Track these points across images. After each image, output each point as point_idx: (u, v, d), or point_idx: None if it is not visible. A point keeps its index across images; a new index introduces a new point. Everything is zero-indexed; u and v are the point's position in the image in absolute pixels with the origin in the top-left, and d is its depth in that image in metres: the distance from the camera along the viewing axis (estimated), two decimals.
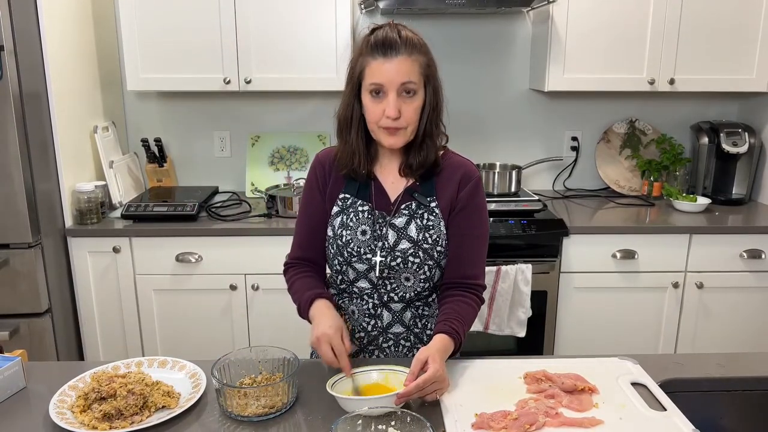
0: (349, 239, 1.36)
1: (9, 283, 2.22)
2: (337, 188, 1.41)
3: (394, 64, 1.26)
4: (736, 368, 1.33)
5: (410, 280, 1.37)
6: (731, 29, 2.54)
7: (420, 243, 1.35)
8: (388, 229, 1.36)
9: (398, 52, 1.26)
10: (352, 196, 1.39)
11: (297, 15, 2.49)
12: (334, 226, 1.39)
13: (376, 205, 1.38)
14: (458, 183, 1.39)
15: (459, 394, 1.19)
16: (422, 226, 1.36)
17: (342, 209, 1.39)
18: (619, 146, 2.96)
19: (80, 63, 2.50)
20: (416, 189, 1.38)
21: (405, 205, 1.38)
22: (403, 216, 1.37)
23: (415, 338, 1.43)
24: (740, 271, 2.47)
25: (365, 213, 1.37)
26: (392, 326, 1.40)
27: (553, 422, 1.10)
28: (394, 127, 1.29)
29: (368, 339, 1.41)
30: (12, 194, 2.15)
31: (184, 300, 2.46)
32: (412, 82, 1.27)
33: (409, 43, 1.27)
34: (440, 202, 1.38)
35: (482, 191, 1.42)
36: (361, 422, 1.00)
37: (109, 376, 1.21)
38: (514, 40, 2.87)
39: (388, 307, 1.40)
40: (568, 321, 2.51)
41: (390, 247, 1.35)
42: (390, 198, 1.39)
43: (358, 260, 1.36)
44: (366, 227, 1.36)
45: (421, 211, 1.37)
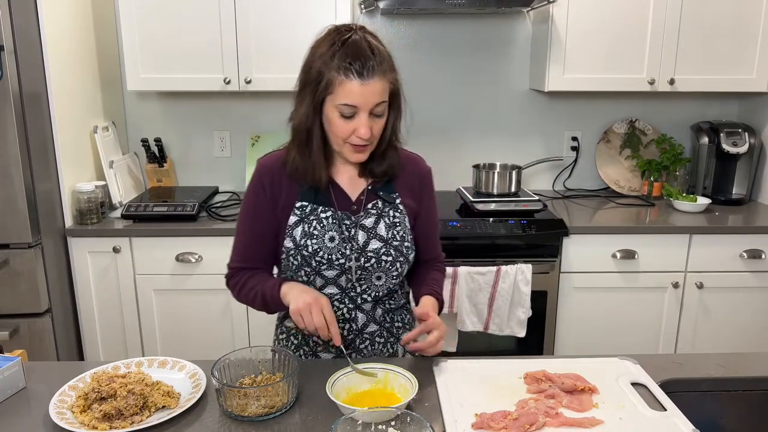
0: (316, 248, 1.32)
1: (9, 283, 2.22)
2: (291, 197, 1.34)
3: (370, 87, 1.20)
4: (736, 368, 1.33)
5: (382, 278, 1.37)
6: (731, 29, 2.54)
7: (390, 241, 1.35)
8: (358, 230, 1.34)
9: (374, 73, 1.20)
10: (311, 203, 1.34)
11: (297, 15, 2.49)
12: (294, 237, 1.33)
13: (338, 208, 1.35)
14: (417, 179, 1.42)
15: (459, 394, 1.19)
16: (390, 223, 1.36)
17: (301, 218, 1.34)
18: (619, 146, 2.96)
19: (80, 63, 2.50)
20: (379, 187, 1.38)
21: (372, 204, 1.36)
22: (371, 215, 1.36)
23: (387, 333, 1.44)
24: (740, 271, 2.47)
25: (329, 219, 1.34)
26: (367, 326, 1.40)
27: (553, 422, 1.10)
28: (361, 144, 1.26)
29: (345, 343, 1.38)
30: (12, 194, 2.15)
31: (184, 300, 2.46)
32: (384, 102, 1.25)
33: (383, 61, 1.22)
34: (403, 198, 1.39)
35: (432, 180, 1.47)
36: (361, 422, 1.00)
37: (109, 376, 1.21)
38: (514, 40, 2.87)
39: (361, 308, 1.39)
40: (568, 321, 2.51)
41: (360, 248, 1.34)
42: (351, 198, 1.37)
43: (328, 267, 1.33)
44: (333, 233, 1.33)
45: (387, 209, 1.37)
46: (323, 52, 1.22)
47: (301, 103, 1.27)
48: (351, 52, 1.20)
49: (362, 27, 1.26)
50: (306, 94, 1.26)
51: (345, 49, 1.20)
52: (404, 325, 1.47)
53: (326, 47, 1.22)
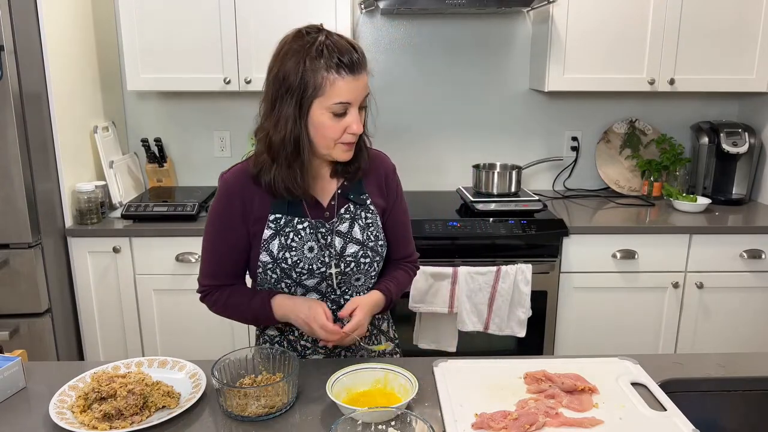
0: (296, 260, 1.31)
1: (9, 283, 2.22)
2: (263, 209, 1.31)
3: (360, 81, 1.21)
4: (736, 368, 1.33)
5: (360, 280, 1.38)
6: (731, 29, 2.54)
7: (366, 242, 1.35)
8: (334, 237, 1.34)
9: (361, 66, 1.21)
10: (285, 214, 1.31)
11: (297, 15, 2.49)
12: (271, 251, 1.31)
13: (312, 217, 1.33)
14: (383, 176, 1.42)
15: (459, 394, 1.19)
16: (363, 225, 1.36)
17: (276, 231, 1.31)
18: (619, 146, 2.96)
19: (80, 63, 2.50)
20: (348, 189, 1.36)
21: (344, 209, 1.35)
22: (345, 220, 1.35)
23: (373, 328, 1.45)
24: (740, 271, 2.47)
25: (306, 229, 1.32)
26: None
27: (553, 422, 1.10)
28: (353, 142, 1.27)
29: (332, 345, 1.37)
30: (12, 194, 2.15)
31: (184, 300, 2.46)
32: (369, 93, 1.27)
33: (363, 54, 1.23)
34: (372, 198, 1.39)
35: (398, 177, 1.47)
36: (361, 422, 1.00)
37: (109, 376, 1.20)
38: (514, 40, 2.87)
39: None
40: (568, 321, 2.51)
41: (338, 254, 1.33)
42: (322, 204, 1.35)
43: (309, 277, 1.32)
44: (311, 243, 1.32)
45: (359, 211, 1.37)
46: (299, 58, 1.18)
47: (280, 115, 1.22)
48: (337, 49, 1.19)
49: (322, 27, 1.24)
50: (285, 104, 1.21)
51: (329, 48, 1.18)
52: (383, 315, 1.49)
53: (302, 52, 1.19)
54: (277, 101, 1.22)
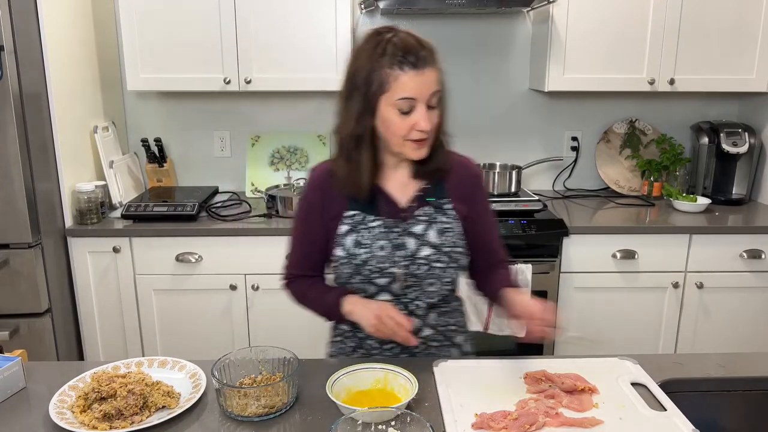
0: (367, 257, 1.32)
1: (9, 283, 2.22)
2: (341, 206, 1.34)
3: (425, 76, 1.22)
4: (736, 368, 1.33)
5: (434, 284, 1.35)
6: (731, 29, 2.54)
7: (441, 247, 1.33)
8: (407, 238, 1.33)
9: (426, 62, 1.22)
10: (360, 211, 1.34)
11: (297, 15, 2.49)
12: (345, 246, 1.33)
13: (387, 215, 1.34)
14: (469, 183, 1.40)
15: (459, 394, 1.19)
16: (441, 229, 1.34)
17: (352, 227, 1.34)
18: (619, 146, 2.96)
19: (80, 63, 2.50)
20: (428, 193, 1.35)
21: (421, 211, 1.35)
22: (421, 222, 1.34)
23: (443, 337, 1.42)
24: (740, 271, 2.47)
25: (378, 228, 1.33)
26: (421, 331, 1.39)
27: (553, 422, 1.10)
28: (423, 139, 1.26)
29: (400, 347, 1.39)
30: (12, 194, 2.15)
31: (184, 300, 2.46)
32: (439, 91, 1.26)
33: (432, 51, 1.24)
34: (454, 203, 1.36)
35: (485, 183, 1.45)
36: (361, 422, 1.00)
37: (109, 376, 1.21)
38: (514, 40, 2.87)
39: (414, 314, 1.38)
40: (568, 321, 2.50)
41: (411, 255, 1.33)
42: (400, 204, 1.35)
43: (379, 276, 1.33)
44: (383, 242, 1.32)
45: (437, 215, 1.35)
46: (369, 55, 1.23)
47: (348, 113, 1.27)
48: (401, 46, 1.21)
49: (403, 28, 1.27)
50: (354, 101, 1.25)
51: (394, 45, 1.21)
52: (458, 329, 1.46)
53: (370, 50, 1.23)
54: (347, 99, 1.27)
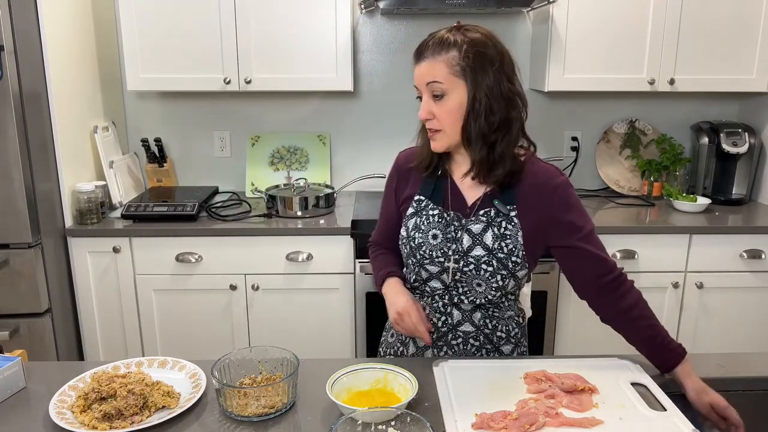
0: (420, 242, 1.35)
1: (9, 283, 2.22)
2: (412, 189, 1.41)
3: (422, 67, 1.27)
4: (736, 368, 1.33)
5: (482, 286, 1.35)
6: (731, 29, 2.54)
7: (494, 251, 1.32)
8: (463, 234, 1.34)
9: (425, 54, 1.26)
10: (426, 198, 1.38)
11: (297, 15, 2.49)
12: (408, 227, 1.39)
13: (450, 207, 1.36)
14: (547, 193, 1.31)
15: (459, 394, 1.19)
16: (499, 234, 1.32)
17: (416, 211, 1.39)
18: (619, 146, 2.96)
19: (80, 63, 2.50)
20: (496, 195, 1.33)
21: (484, 212, 1.33)
22: (480, 222, 1.33)
23: (484, 338, 1.42)
24: (740, 271, 2.47)
25: (435, 216, 1.36)
26: (462, 324, 1.40)
27: (553, 422, 1.10)
28: (430, 129, 1.30)
29: (438, 335, 1.41)
30: (12, 194, 2.15)
31: (184, 300, 2.46)
32: (437, 82, 1.24)
33: (441, 43, 1.24)
34: (521, 210, 1.32)
35: (572, 191, 1.34)
36: (361, 422, 1.00)
37: (109, 376, 1.21)
38: (514, 40, 2.87)
39: (459, 307, 1.39)
40: (568, 321, 2.51)
41: (463, 251, 1.33)
42: (467, 201, 1.36)
43: (430, 263, 1.35)
44: (437, 231, 1.35)
45: (499, 219, 1.32)
46: None
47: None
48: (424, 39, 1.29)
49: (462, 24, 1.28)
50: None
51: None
52: (508, 338, 1.45)
53: None
54: None
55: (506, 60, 1.27)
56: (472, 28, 1.27)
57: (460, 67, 1.23)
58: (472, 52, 1.22)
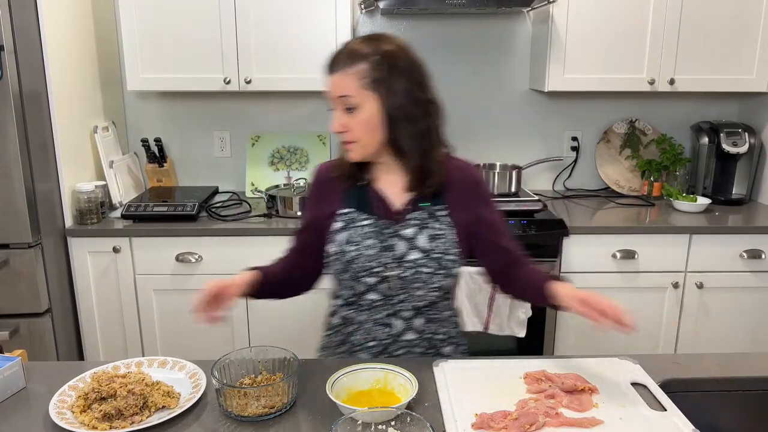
0: (355, 255, 1.33)
1: (9, 283, 2.22)
2: (336, 202, 1.37)
3: (333, 80, 1.27)
4: (736, 368, 1.33)
5: (422, 289, 1.35)
6: (731, 29, 2.54)
7: (430, 253, 1.33)
8: (397, 240, 1.33)
9: (336, 67, 1.26)
10: (353, 209, 1.36)
11: (297, 15, 2.49)
12: (337, 242, 1.35)
13: (379, 216, 1.35)
14: (469, 189, 1.38)
15: (459, 394, 1.19)
16: (432, 235, 1.33)
17: (346, 224, 1.35)
18: (619, 146, 2.96)
19: (80, 63, 2.50)
20: (424, 198, 1.35)
21: (413, 215, 1.35)
22: (412, 226, 1.34)
23: (427, 343, 1.42)
24: (740, 271, 2.47)
25: (367, 226, 1.34)
26: (404, 334, 1.39)
27: (553, 422, 1.10)
28: (343, 141, 1.30)
29: (381, 347, 1.40)
30: (12, 194, 2.15)
31: (184, 300, 2.46)
32: (349, 96, 1.24)
33: (351, 55, 1.24)
34: (450, 208, 1.36)
35: (487, 186, 1.42)
36: (361, 422, 1.00)
37: (109, 376, 1.21)
38: (514, 40, 2.87)
39: (399, 315, 1.38)
40: (568, 321, 2.51)
41: (400, 258, 1.33)
42: (395, 207, 1.36)
43: (368, 275, 1.33)
44: (372, 241, 1.33)
45: (430, 220, 1.34)
46: None
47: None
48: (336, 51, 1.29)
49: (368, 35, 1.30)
50: None
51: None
52: (448, 338, 1.45)
53: None
54: None
55: (418, 69, 1.31)
56: (385, 38, 1.28)
57: (370, 79, 1.24)
58: (383, 63, 1.24)
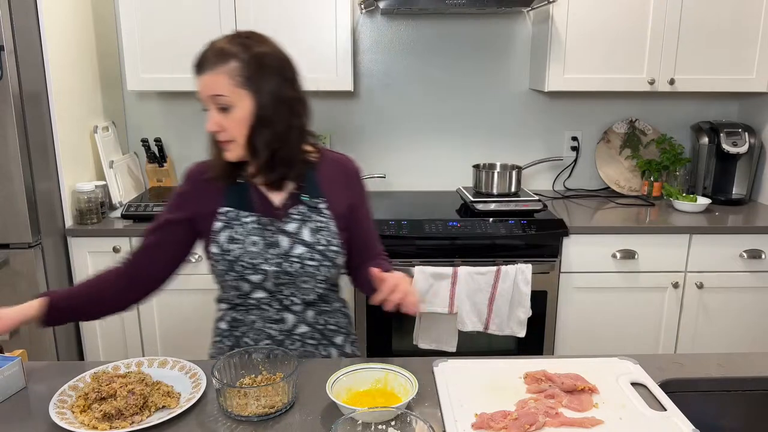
0: (239, 253, 1.33)
1: (9, 283, 2.22)
2: (215, 202, 1.36)
3: (203, 80, 1.26)
4: (736, 368, 1.33)
5: (308, 282, 1.37)
6: (731, 29, 2.54)
7: (314, 245, 1.35)
8: (280, 236, 1.35)
9: (206, 66, 1.25)
10: (234, 208, 1.36)
11: (297, 15, 2.49)
12: (219, 242, 1.34)
13: (261, 213, 1.36)
14: (345, 180, 1.41)
15: (459, 394, 1.19)
16: (314, 228, 1.36)
17: (228, 223, 1.35)
18: (619, 146, 2.96)
19: (80, 63, 2.50)
20: (302, 191, 1.37)
21: (294, 209, 1.36)
22: (294, 221, 1.36)
23: (320, 335, 1.44)
24: (740, 271, 2.47)
25: (250, 224, 1.35)
26: (297, 327, 1.41)
27: (553, 422, 1.10)
28: (220, 140, 1.29)
29: (275, 344, 1.40)
30: (12, 194, 2.15)
31: (184, 300, 2.46)
32: (222, 96, 1.24)
33: (219, 55, 1.24)
34: (329, 200, 1.38)
35: (363, 181, 1.45)
36: (361, 422, 1.00)
37: (109, 376, 1.21)
38: (514, 40, 2.87)
39: (290, 309, 1.39)
40: (568, 321, 2.51)
41: (284, 253, 1.34)
42: (275, 203, 1.37)
43: (252, 272, 1.34)
44: (255, 238, 1.34)
45: (311, 213, 1.37)
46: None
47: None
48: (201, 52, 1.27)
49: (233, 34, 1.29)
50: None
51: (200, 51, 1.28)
52: (339, 329, 1.47)
53: None
54: None
55: (288, 66, 1.31)
56: (253, 36, 1.29)
57: (242, 78, 1.24)
58: (254, 62, 1.24)
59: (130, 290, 1.40)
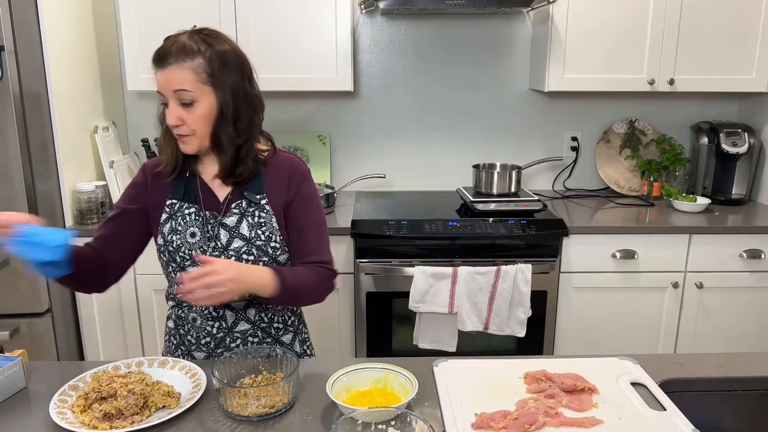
0: (179, 244, 1.36)
1: (9, 283, 2.22)
2: (163, 195, 1.40)
3: (165, 74, 1.26)
4: (736, 368, 1.33)
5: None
6: (731, 29, 2.54)
7: (253, 240, 1.36)
8: (220, 229, 1.36)
9: (168, 60, 1.26)
10: (179, 200, 1.38)
11: (297, 15, 2.49)
12: (164, 234, 1.38)
13: (204, 206, 1.38)
14: (287, 179, 1.41)
15: (459, 394, 1.19)
16: (254, 223, 1.37)
17: (170, 215, 1.38)
18: (619, 146, 2.96)
19: (80, 63, 2.50)
20: (246, 187, 1.38)
21: (235, 204, 1.38)
22: (234, 215, 1.37)
23: (263, 333, 1.43)
24: (740, 271, 2.47)
25: (192, 215, 1.37)
26: (237, 324, 1.41)
27: (553, 422, 1.10)
28: (179, 134, 1.31)
29: (215, 342, 1.41)
30: (12, 194, 2.15)
31: None
32: (185, 90, 1.26)
33: (183, 50, 1.25)
34: (270, 198, 1.39)
35: (312, 183, 1.44)
36: (361, 422, 1.00)
37: (109, 376, 1.21)
38: (514, 40, 2.87)
39: (230, 306, 1.39)
40: (568, 321, 2.51)
41: (223, 247, 1.35)
42: (218, 198, 1.39)
43: (191, 264, 1.36)
44: (195, 229, 1.36)
45: (252, 209, 1.38)
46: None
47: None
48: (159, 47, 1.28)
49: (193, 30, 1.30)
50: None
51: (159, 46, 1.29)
52: (285, 327, 1.47)
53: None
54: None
55: (247, 64, 1.34)
56: (213, 33, 1.30)
57: (206, 74, 1.27)
58: (217, 59, 1.27)
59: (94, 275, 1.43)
